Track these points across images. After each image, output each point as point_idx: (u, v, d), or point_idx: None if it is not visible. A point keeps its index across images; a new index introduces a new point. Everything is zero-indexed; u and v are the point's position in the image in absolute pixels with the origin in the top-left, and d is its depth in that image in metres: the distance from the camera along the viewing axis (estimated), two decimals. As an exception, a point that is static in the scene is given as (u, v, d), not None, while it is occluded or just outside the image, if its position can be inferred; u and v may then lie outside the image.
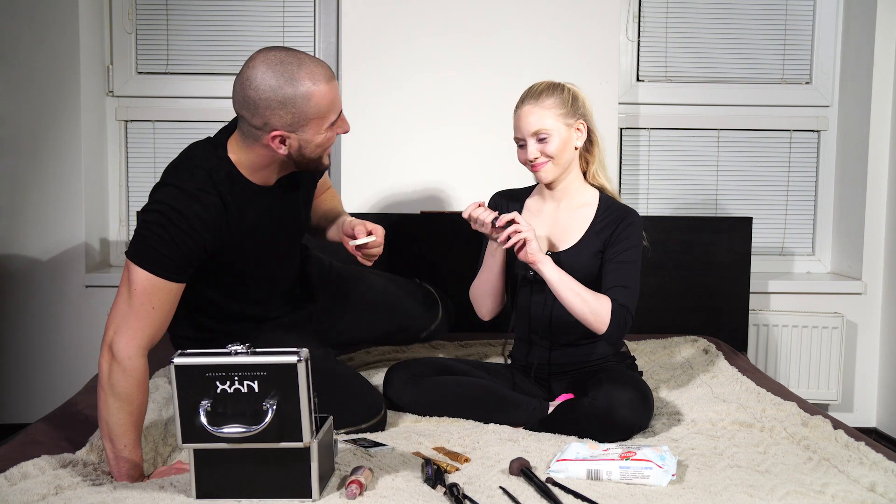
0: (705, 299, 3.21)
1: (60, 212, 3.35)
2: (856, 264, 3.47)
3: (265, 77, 1.85)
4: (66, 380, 3.34)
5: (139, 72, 3.51)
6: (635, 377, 2.21)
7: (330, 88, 1.90)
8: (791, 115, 3.57)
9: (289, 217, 2.14)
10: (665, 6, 3.51)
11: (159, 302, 1.89)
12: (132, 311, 1.87)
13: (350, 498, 1.62)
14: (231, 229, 1.98)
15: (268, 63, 1.86)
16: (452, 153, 3.25)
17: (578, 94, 2.25)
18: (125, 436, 1.83)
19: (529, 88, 2.25)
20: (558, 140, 2.19)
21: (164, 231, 1.89)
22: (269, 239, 2.09)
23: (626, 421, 2.03)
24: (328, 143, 1.97)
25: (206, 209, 1.93)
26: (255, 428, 1.59)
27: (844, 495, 1.65)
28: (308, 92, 1.86)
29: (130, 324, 1.86)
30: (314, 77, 1.87)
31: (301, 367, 1.58)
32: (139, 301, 1.87)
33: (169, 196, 1.93)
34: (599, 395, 2.05)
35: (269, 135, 1.90)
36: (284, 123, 1.88)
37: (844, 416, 3.44)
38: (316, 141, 1.94)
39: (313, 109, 1.88)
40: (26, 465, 1.76)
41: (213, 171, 1.96)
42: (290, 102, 1.86)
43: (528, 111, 2.20)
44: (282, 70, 1.85)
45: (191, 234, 1.90)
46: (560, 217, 2.28)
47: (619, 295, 2.15)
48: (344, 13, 3.21)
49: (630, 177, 3.57)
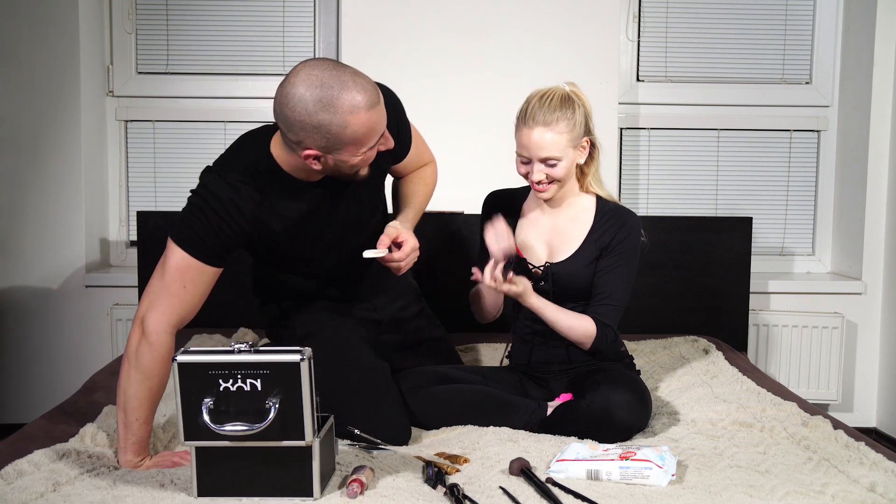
0: (705, 299, 3.21)
1: (60, 212, 3.35)
2: (856, 264, 3.48)
3: (303, 98, 1.78)
4: (66, 380, 3.34)
5: (139, 72, 3.51)
6: (633, 377, 2.20)
7: (370, 116, 1.82)
8: (791, 115, 3.57)
9: (338, 208, 2.10)
10: (665, 6, 3.51)
11: (191, 282, 1.92)
12: (164, 289, 1.92)
13: (351, 497, 1.62)
14: (273, 220, 1.99)
15: (307, 83, 1.79)
16: (452, 153, 3.24)
17: (585, 106, 2.17)
18: (140, 409, 1.86)
19: (541, 101, 2.12)
20: (566, 164, 2.14)
21: (203, 215, 1.92)
22: (325, 229, 2.09)
23: (624, 422, 2.02)
24: (365, 162, 1.93)
25: (244, 200, 1.94)
26: (258, 426, 1.59)
27: (844, 495, 1.65)
28: (344, 120, 1.80)
29: (162, 300, 1.91)
30: (354, 104, 1.79)
31: (304, 366, 1.58)
32: (171, 278, 1.92)
33: (212, 183, 1.95)
34: (597, 397, 2.05)
35: (303, 151, 1.87)
36: (319, 145, 1.84)
37: (844, 416, 3.44)
38: (352, 162, 1.90)
39: (349, 137, 1.83)
40: (21, 463, 1.76)
41: (255, 164, 1.97)
42: (324, 128, 1.80)
43: (540, 135, 2.10)
44: (321, 94, 1.78)
45: (227, 221, 1.93)
46: (558, 226, 2.25)
47: (603, 313, 2.17)
48: (344, 13, 3.22)
49: (630, 177, 3.57)
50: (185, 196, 1.98)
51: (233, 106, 3.49)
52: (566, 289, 2.20)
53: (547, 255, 2.24)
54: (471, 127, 3.25)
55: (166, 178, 3.53)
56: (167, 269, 1.93)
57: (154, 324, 1.89)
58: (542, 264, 2.23)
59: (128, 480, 1.73)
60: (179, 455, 1.88)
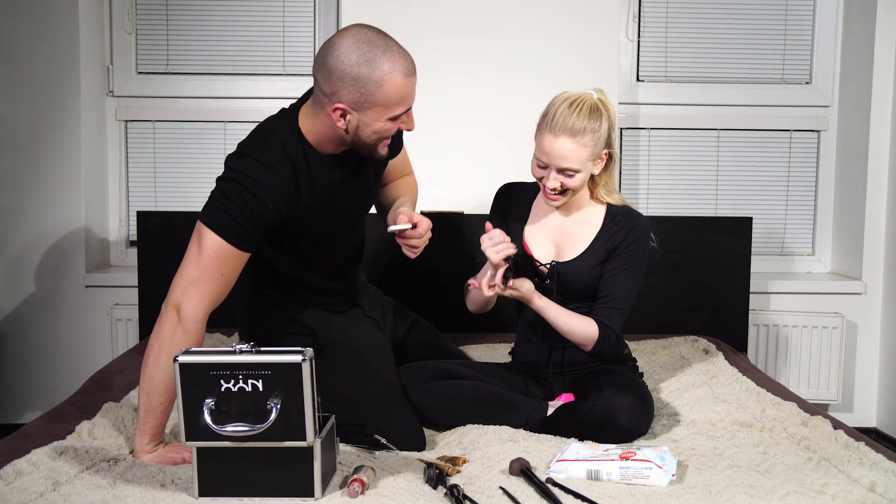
0: (705, 299, 3.21)
1: (60, 212, 3.35)
2: (856, 264, 3.48)
3: (349, 50, 1.88)
4: (66, 380, 3.34)
5: (139, 72, 3.51)
6: (635, 381, 2.19)
7: (406, 83, 1.91)
8: (791, 115, 3.57)
9: (358, 186, 2.16)
10: (665, 6, 3.51)
11: (228, 269, 1.93)
12: (202, 276, 1.90)
13: (352, 496, 1.63)
14: (305, 199, 2.01)
15: (357, 38, 1.89)
16: (452, 153, 3.25)
17: (612, 117, 2.13)
18: (165, 394, 1.87)
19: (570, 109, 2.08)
20: (583, 176, 2.13)
21: (241, 201, 1.92)
22: (339, 207, 2.12)
23: (626, 426, 2.02)
24: (386, 132, 1.98)
25: (283, 181, 1.96)
26: (259, 427, 1.59)
27: (844, 495, 1.65)
28: (381, 78, 1.88)
29: (200, 288, 1.90)
30: (394, 66, 1.89)
31: (306, 366, 1.58)
32: (210, 266, 1.91)
33: (247, 166, 1.95)
34: (599, 400, 2.04)
35: (333, 104, 1.92)
36: (350, 100, 1.90)
37: (844, 416, 3.44)
38: (374, 127, 1.95)
39: (381, 96, 1.90)
40: (19, 463, 1.76)
41: (287, 142, 2.00)
42: (361, 82, 1.88)
43: (563, 145, 2.07)
44: (367, 49, 1.88)
45: (267, 205, 1.94)
46: (567, 226, 2.25)
47: (607, 315, 2.16)
48: (344, 13, 3.22)
49: (630, 177, 3.57)
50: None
51: (233, 106, 3.49)
52: (571, 288, 2.20)
53: (554, 254, 2.23)
54: (471, 127, 3.25)
55: (166, 178, 3.53)
56: (204, 256, 1.91)
57: (193, 312, 1.89)
58: (548, 262, 2.22)
59: (128, 479, 1.73)
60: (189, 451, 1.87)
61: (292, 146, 2.00)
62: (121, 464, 1.82)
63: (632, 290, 2.18)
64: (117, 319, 3.35)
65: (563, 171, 2.11)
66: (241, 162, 1.97)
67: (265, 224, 1.95)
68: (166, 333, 1.88)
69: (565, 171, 2.10)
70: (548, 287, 2.20)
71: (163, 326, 1.89)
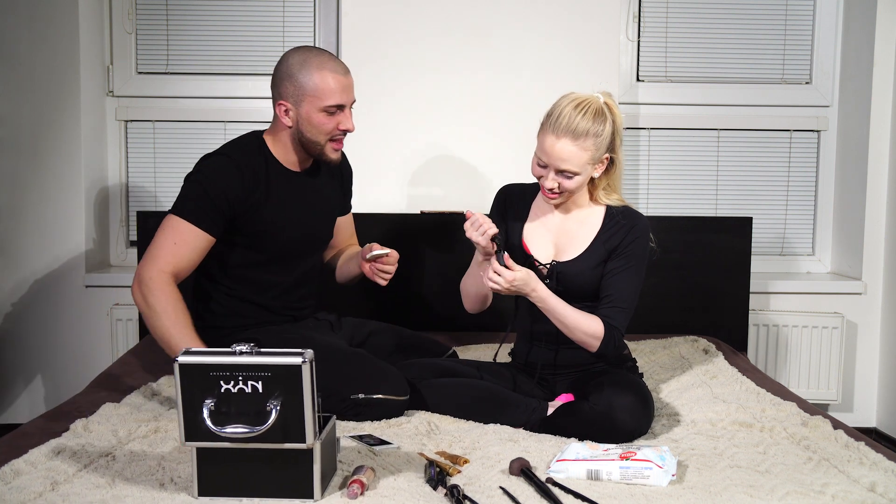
0: (705, 299, 3.21)
1: (60, 212, 3.35)
2: (856, 264, 3.48)
3: (292, 57, 2.25)
4: (66, 380, 3.35)
5: (139, 72, 3.51)
6: (636, 381, 2.19)
7: (333, 77, 2.23)
8: (791, 115, 3.57)
9: (319, 200, 2.42)
10: (665, 6, 3.51)
11: (182, 240, 2.20)
12: (154, 246, 2.21)
13: (351, 497, 1.63)
14: (259, 193, 2.26)
15: (298, 50, 2.27)
16: (452, 153, 3.25)
17: (617, 121, 2.14)
18: (179, 336, 2.12)
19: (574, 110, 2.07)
20: (582, 179, 2.13)
21: (200, 187, 2.22)
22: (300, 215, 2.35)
23: (626, 426, 2.02)
24: (324, 127, 2.26)
25: (239, 168, 2.24)
26: (259, 429, 1.59)
27: (844, 495, 1.65)
28: (311, 72, 2.22)
29: (151, 253, 2.20)
30: (322, 64, 2.23)
31: (306, 368, 1.58)
32: (162, 238, 2.21)
33: (208, 159, 2.28)
34: (600, 400, 2.04)
35: (278, 102, 2.26)
36: (288, 94, 2.24)
37: (844, 416, 3.44)
38: (312, 121, 2.24)
39: (311, 88, 2.22)
40: (17, 463, 1.76)
41: (249, 144, 2.32)
42: (296, 76, 2.22)
43: (564, 147, 2.07)
44: (304, 55, 2.24)
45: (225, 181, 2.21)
46: (566, 226, 2.24)
47: (612, 315, 2.13)
48: (344, 13, 3.22)
49: (630, 177, 3.57)
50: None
51: (233, 106, 3.49)
52: (571, 288, 2.19)
53: (554, 253, 2.23)
54: (471, 127, 3.25)
55: (166, 178, 3.53)
56: (157, 235, 2.22)
57: (146, 272, 2.17)
58: (548, 262, 2.22)
59: (127, 478, 1.73)
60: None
61: (254, 148, 2.31)
62: (119, 460, 1.82)
63: (634, 289, 2.17)
64: (117, 319, 3.35)
65: (561, 173, 2.11)
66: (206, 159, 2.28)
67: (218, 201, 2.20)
68: (139, 301, 2.19)
69: (564, 172, 2.10)
70: (548, 286, 2.19)
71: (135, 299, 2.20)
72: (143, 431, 2.01)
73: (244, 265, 2.33)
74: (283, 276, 2.37)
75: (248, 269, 2.33)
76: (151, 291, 2.16)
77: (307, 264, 2.43)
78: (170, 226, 2.21)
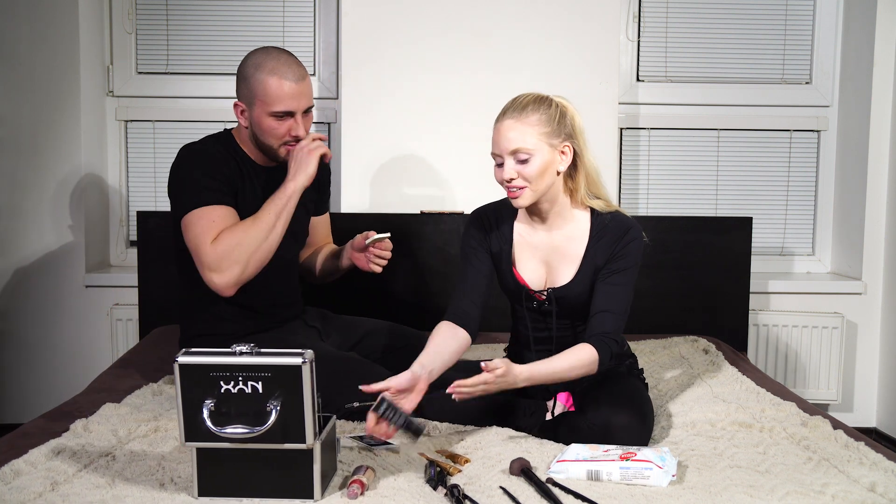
0: (705, 299, 3.21)
1: (60, 212, 3.35)
2: (856, 264, 3.48)
3: (249, 58, 2.28)
4: (65, 380, 3.35)
5: (139, 72, 3.51)
6: (635, 392, 2.11)
7: (281, 84, 2.21)
8: (791, 115, 3.57)
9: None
10: (665, 6, 3.51)
11: (217, 217, 2.17)
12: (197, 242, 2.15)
13: (351, 498, 1.63)
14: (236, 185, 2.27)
15: (256, 52, 2.28)
16: (452, 153, 3.25)
17: (568, 111, 2.05)
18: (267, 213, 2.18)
19: (513, 100, 2.06)
20: (539, 162, 1.99)
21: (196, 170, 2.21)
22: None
23: (624, 443, 1.93)
24: (274, 132, 2.25)
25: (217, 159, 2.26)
26: (259, 429, 1.59)
27: (844, 495, 1.65)
28: (261, 77, 2.22)
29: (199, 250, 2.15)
30: (276, 70, 2.22)
31: (306, 368, 1.58)
32: (198, 231, 2.16)
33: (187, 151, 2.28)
34: (597, 419, 1.97)
35: (235, 102, 2.29)
36: (242, 95, 2.27)
37: (844, 416, 3.44)
38: (262, 125, 2.25)
39: (261, 92, 2.22)
40: (17, 463, 1.76)
41: (221, 140, 2.34)
42: (249, 79, 2.24)
43: (508, 126, 2.01)
44: (261, 58, 2.25)
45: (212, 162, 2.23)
46: (554, 243, 2.14)
47: (604, 322, 2.04)
48: (344, 13, 3.22)
49: (630, 177, 3.58)
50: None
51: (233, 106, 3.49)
52: (573, 312, 2.13)
53: (546, 275, 2.15)
54: (471, 127, 3.24)
55: (166, 178, 3.50)
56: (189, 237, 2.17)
57: (209, 258, 2.13)
58: (543, 289, 2.14)
59: (126, 478, 1.73)
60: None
61: (225, 142, 2.33)
62: (119, 460, 1.82)
63: (626, 295, 2.08)
64: (117, 319, 3.35)
65: (515, 156, 2.00)
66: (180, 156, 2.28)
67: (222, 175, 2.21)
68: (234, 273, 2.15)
69: (516, 154, 2.00)
70: (548, 310, 2.13)
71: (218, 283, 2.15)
72: (143, 431, 2.01)
73: None
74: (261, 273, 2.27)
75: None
76: (225, 255, 2.13)
77: (284, 259, 2.37)
78: (193, 221, 2.17)
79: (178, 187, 2.24)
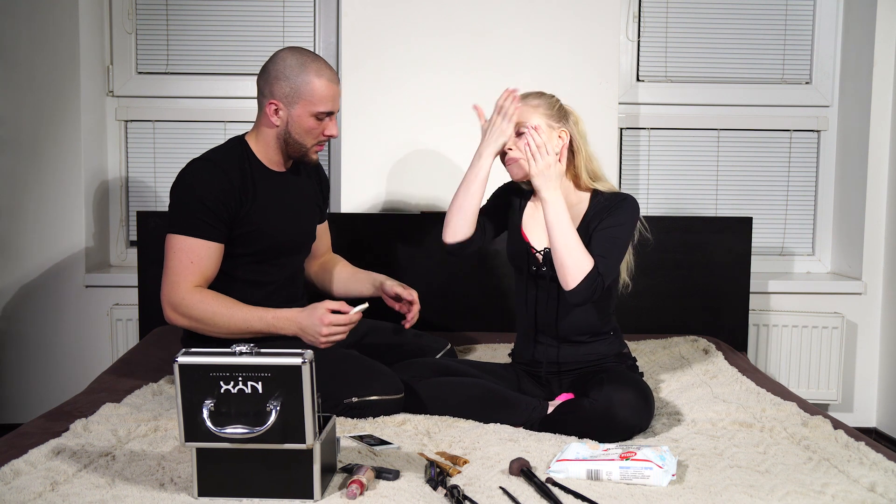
0: (705, 299, 3.21)
1: (60, 211, 3.35)
2: (856, 264, 3.48)
3: (286, 57, 2.27)
4: (66, 380, 3.35)
5: (139, 72, 3.51)
6: (636, 378, 2.21)
7: (328, 85, 2.26)
8: (791, 115, 3.57)
9: (302, 198, 2.44)
10: (665, 6, 3.51)
11: (197, 257, 2.19)
12: (171, 271, 2.19)
13: (350, 498, 1.63)
14: (248, 193, 2.28)
15: (294, 52, 2.28)
16: (452, 153, 3.25)
17: (567, 108, 2.29)
18: (244, 319, 2.18)
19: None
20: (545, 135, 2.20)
21: (192, 196, 2.20)
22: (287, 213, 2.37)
23: (626, 422, 2.03)
24: (313, 131, 2.29)
25: (226, 173, 2.25)
26: (259, 429, 1.59)
27: (844, 495, 1.65)
28: (308, 78, 2.25)
29: (171, 279, 2.19)
30: (320, 71, 2.26)
31: (306, 368, 1.58)
32: (175, 260, 2.19)
33: (192, 167, 2.27)
34: (600, 396, 2.05)
35: (268, 101, 2.26)
36: (282, 94, 2.25)
37: (844, 416, 3.44)
38: (302, 124, 2.27)
39: (307, 91, 2.25)
40: (17, 463, 1.76)
41: (231, 148, 2.33)
42: (292, 78, 2.24)
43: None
44: (300, 57, 2.27)
45: (210, 188, 2.20)
46: None
47: (598, 263, 2.15)
48: (344, 13, 3.22)
49: (630, 177, 3.58)
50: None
51: (233, 106, 3.49)
52: None
53: (547, 241, 2.25)
54: (471, 127, 3.23)
55: (166, 178, 3.52)
56: (170, 257, 2.19)
57: (175, 296, 2.17)
58: (542, 249, 2.28)
59: (126, 478, 1.73)
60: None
61: (237, 151, 2.31)
62: (119, 460, 1.82)
63: (619, 246, 2.20)
64: (117, 319, 3.35)
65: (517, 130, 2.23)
66: (189, 167, 2.27)
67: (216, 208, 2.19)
68: (183, 323, 2.19)
69: (519, 127, 2.23)
70: (543, 273, 2.25)
71: (176, 323, 2.20)
72: (142, 431, 2.01)
73: (234, 266, 2.30)
74: (273, 275, 2.36)
75: (238, 270, 2.31)
76: (190, 308, 2.16)
77: (295, 262, 2.44)
78: (178, 247, 2.19)
79: (174, 203, 2.25)
